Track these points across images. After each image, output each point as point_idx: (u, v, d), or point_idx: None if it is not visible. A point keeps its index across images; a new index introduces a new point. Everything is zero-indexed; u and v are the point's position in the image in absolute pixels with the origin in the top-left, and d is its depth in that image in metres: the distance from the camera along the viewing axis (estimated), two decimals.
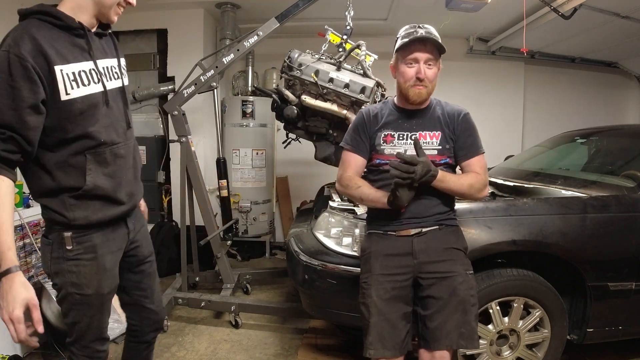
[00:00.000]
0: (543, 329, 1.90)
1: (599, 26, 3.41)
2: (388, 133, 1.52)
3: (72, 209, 1.13)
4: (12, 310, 0.96)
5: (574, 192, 2.08)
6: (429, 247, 1.45)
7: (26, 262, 2.28)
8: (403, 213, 1.47)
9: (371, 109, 1.60)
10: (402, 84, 1.49)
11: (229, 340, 2.50)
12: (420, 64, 1.45)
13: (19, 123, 1.02)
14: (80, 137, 1.11)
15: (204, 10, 3.75)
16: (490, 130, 4.55)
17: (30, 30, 1.06)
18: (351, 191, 1.52)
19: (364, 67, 2.38)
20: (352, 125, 1.61)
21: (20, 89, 1.01)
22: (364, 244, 1.58)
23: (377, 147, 1.53)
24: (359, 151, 1.56)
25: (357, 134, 1.57)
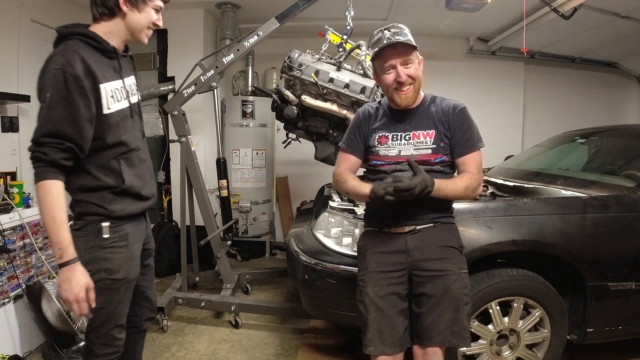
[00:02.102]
0: (543, 329, 1.90)
1: (599, 26, 3.41)
2: (382, 134, 1.53)
3: (112, 203, 1.30)
4: (77, 293, 1.18)
5: (574, 192, 2.08)
6: (424, 245, 1.46)
7: (26, 262, 2.28)
8: (398, 211, 1.47)
9: (367, 109, 1.61)
10: (385, 91, 1.52)
11: (229, 340, 2.50)
12: (398, 67, 1.44)
13: (77, 135, 1.19)
14: (116, 145, 1.30)
15: (204, 10, 3.75)
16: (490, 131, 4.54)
17: (79, 51, 1.20)
18: (340, 185, 1.55)
19: (364, 67, 2.38)
20: (350, 124, 1.64)
21: (78, 105, 1.17)
22: (360, 242, 1.59)
23: (372, 149, 1.54)
24: (353, 150, 1.58)
25: (352, 134, 1.59)
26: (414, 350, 1.47)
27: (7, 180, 2.34)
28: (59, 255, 1.16)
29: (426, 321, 1.43)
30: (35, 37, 3.07)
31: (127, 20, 1.29)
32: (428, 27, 4.02)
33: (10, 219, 2.18)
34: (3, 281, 2.12)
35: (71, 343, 2.27)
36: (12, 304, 2.17)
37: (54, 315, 2.20)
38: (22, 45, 2.92)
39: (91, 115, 1.21)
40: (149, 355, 2.31)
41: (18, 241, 2.22)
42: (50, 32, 3.24)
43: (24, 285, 2.23)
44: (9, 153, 2.81)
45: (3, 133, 2.77)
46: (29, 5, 2.96)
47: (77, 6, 3.55)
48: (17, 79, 2.89)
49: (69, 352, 2.24)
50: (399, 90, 1.45)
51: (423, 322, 1.43)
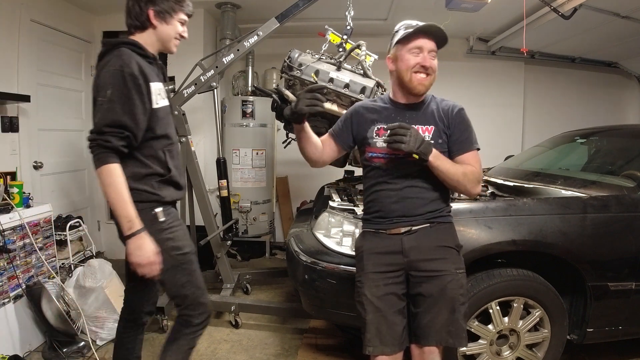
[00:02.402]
0: (543, 329, 1.90)
1: (599, 26, 3.40)
2: (381, 126, 1.50)
3: (161, 189, 1.48)
4: (149, 256, 1.37)
5: (574, 192, 2.08)
6: (420, 245, 1.46)
7: (26, 262, 2.28)
8: (394, 211, 1.47)
9: (366, 103, 1.61)
10: (403, 72, 1.46)
11: (229, 340, 2.50)
12: (425, 52, 1.44)
13: (134, 125, 1.36)
14: (162, 137, 1.49)
15: (204, 10, 3.75)
16: (490, 130, 4.56)
17: (132, 55, 1.39)
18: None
19: (364, 67, 2.38)
20: (344, 115, 1.62)
21: (135, 99, 1.36)
22: (357, 243, 1.60)
23: (369, 140, 1.52)
24: (337, 138, 1.59)
25: (344, 124, 1.59)
26: (412, 349, 1.48)
27: (7, 180, 2.34)
28: (128, 227, 1.34)
29: (423, 321, 1.43)
30: (35, 37, 3.07)
31: (158, 32, 1.48)
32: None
33: (10, 219, 2.18)
34: (3, 281, 2.13)
35: (71, 343, 2.27)
36: (12, 304, 2.17)
37: (54, 315, 2.20)
38: (22, 45, 2.92)
39: (145, 109, 1.39)
40: (149, 355, 2.31)
41: (18, 241, 2.22)
42: (50, 32, 3.25)
43: (24, 285, 2.23)
44: (9, 153, 2.81)
45: (3, 133, 2.77)
46: (29, 5, 2.96)
47: (77, 6, 3.56)
48: (17, 79, 2.89)
49: (69, 352, 2.24)
50: (418, 75, 1.45)
51: (420, 321, 1.44)
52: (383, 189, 1.50)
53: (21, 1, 2.90)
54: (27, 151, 3.01)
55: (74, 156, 3.66)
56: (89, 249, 2.91)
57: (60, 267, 2.59)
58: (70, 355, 2.24)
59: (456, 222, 1.79)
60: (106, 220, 4.02)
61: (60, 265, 2.60)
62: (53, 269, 2.45)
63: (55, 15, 3.29)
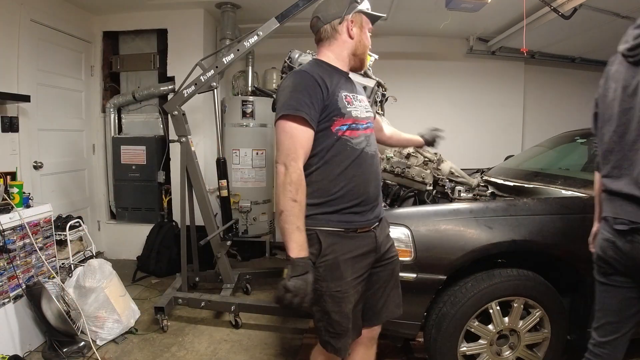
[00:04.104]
0: (543, 329, 1.90)
1: (599, 26, 3.40)
2: (346, 94, 1.38)
3: None
4: None
5: (574, 192, 2.08)
6: (382, 235, 1.46)
7: (26, 262, 2.28)
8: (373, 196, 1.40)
9: (313, 69, 1.36)
10: (360, 48, 1.46)
11: (229, 340, 2.50)
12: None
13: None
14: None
15: (204, 10, 3.75)
16: (490, 130, 4.57)
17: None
18: (288, 196, 1.23)
19: None
20: (297, 86, 1.30)
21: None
22: (326, 247, 1.32)
23: (341, 110, 1.34)
24: (312, 122, 1.29)
25: (308, 98, 1.28)
26: (362, 333, 1.51)
27: (7, 180, 2.34)
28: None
29: (378, 305, 1.48)
30: (35, 37, 3.08)
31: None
32: (428, 27, 4.03)
33: (10, 219, 2.18)
34: (3, 281, 2.12)
35: (71, 343, 2.27)
36: (12, 304, 2.17)
37: (54, 315, 2.20)
38: (22, 45, 2.92)
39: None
40: (149, 355, 2.31)
41: (18, 241, 2.22)
42: (50, 32, 3.24)
43: (24, 285, 2.23)
44: (9, 153, 2.81)
45: (3, 133, 2.77)
46: (29, 5, 2.96)
47: (77, 6, 3.56)
48: (17, 79, 2.89)
49: (69, 352, 2.24)
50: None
51: (374, 305, 1.47)
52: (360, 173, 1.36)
53: (21, 1, 2.90)
54: (27, 151, 3.01)
55: (74, 156, 3.67)
56: (89, 249, 2.91)
57: (60, 267, 2.59)
58: (70, 355, 2.24)
59: (456, 222, 1.80)
60: (106, 220, 4.03)
61: (60, 265, 2.60)
62: (53, 269, 2.45)
63: (55, 15, 3.29)
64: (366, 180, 1.38)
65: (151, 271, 3.53)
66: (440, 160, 2.35)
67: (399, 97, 2.56)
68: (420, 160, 2.30)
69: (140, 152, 3.85)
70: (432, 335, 1.84)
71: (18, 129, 2.88)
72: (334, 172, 1.34)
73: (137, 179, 3.88)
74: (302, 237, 1.24)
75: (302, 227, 1.24)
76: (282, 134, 1.29)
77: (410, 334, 1.90)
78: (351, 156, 1.35)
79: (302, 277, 1.20)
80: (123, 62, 3.96)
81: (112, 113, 3.94)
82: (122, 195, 3.95)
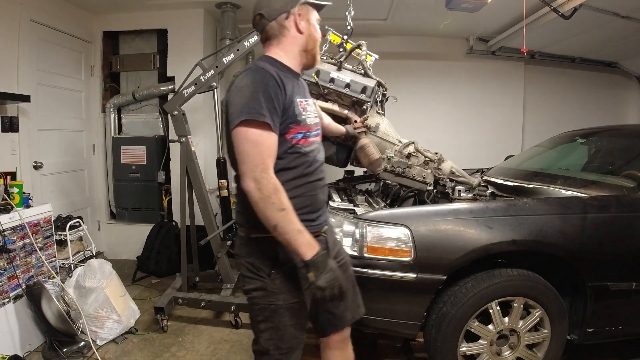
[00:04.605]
0: (543, 329, 1.90)
1: (599, 26, 3.41)
2: (300, 100, 1.29)
3: None
4: None
5: (574, 192, 2.08)
6: (331, 239, 1.43)
7: (26, 262, 2.28)
8: (321, 203, 1.35)
9: (272, 68, 1.25)
10: (315, 42, 1.35)
11: (229, 340, 2.50)
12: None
13: None
14: None
15: (204, 10, 3.75)
16: (490, 130, 4.57)
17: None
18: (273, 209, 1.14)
19: (365, 67, 2.38)
20: (258, 87, 1.18)
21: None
22: (283, 255, 1.26)
23: (298, 117, 1.26)
24: (276, 128, 1.19)
25: (270, 102, 1.18)
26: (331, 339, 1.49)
27: (7, 180, 2.34)
28: None
29: (337, 310, 1.43)
30: (35, 37, 3.07)
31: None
32: (428, 27, 4.03)
33: (10, 219, 2.18)
34: (3, 281, 2.12)
35: (71, 343, 2.27)
36: (12, 304, 2.17)
37: (54, 315, 2.20)
38: (22, 45, 2.92)
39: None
40: (149, 355, 2.31)
41: (18, 241, 2.22)
42: (50, 32, 3.24)
43: (24, 285, 2.23)
44: (9, 153, 2.81)
45: (3, 133, 2.77)
46: (29, 5, 2.96)
47: (77, 6, 3.55)
48: (17, 79, 2.89)
49: (69, 352, 2.24)
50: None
51: (334, 311, 1.43)
52: (313, 180, 1.32)
53: (21, 1, 2.89)
54: (27, 151, 3.01)
55: (74, 156, 3.66)
56: (89, 249, 2.91)
57: (60, 267, 2.59)
58: (70, 355, 2.24)
59: (456, 222, 1.80)
60: (106, 220, 4.03)
61: (60, 265, 2.60)
62: (53, 269, 2.45)
63: (55, 15, 3.29)
64: (316, 187, 1.33)
65: (151, 271, 3.53)
66: (441, 160, 2.35)
67: (399, 97, 2.56)
68: (421, 160, 2.30)
69: (140, 152, 3.85)
70: (432, 335, 1.84)
71: (18, 129, 2.88)
72: (287, 180, 1.24)
73: (137, 179, 3.88)
74: (307, 235, 1.17)
75: (302, 227, 1.16)
76: (245, 143, 1.15)
77: (410, 334, 1.90)
78: (304, 164, 1.29)
79: (327, 269, 1.16)
80: (123, 62, 3.96)
81: (112, 113, 3.94)
82: (122, 195, 3.95)
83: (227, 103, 1.23)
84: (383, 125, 2.35)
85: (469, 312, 1.79)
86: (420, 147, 2.34)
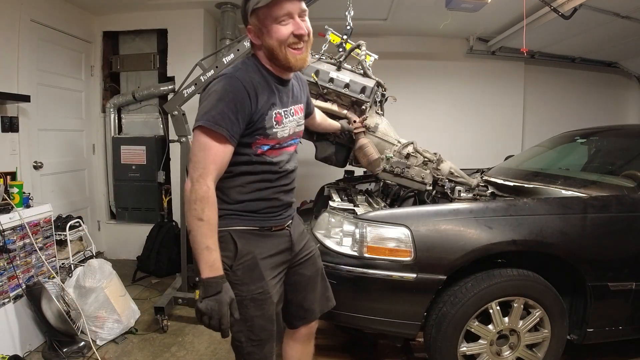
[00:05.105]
0: (543, 329, 1.90)
1: (599, 26, 3.40)
2: (277, 111, 1.26)
3: None
4: None
5: (574, 192, 2.08)
6: (296, 233, 1.44)
7: (26, 262, 2.28)
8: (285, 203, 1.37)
9: (247, 77, 1.22)
10: (275, 47, 1.21)
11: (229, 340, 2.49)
12: (296, 18, 1.20)
13: None
14: None
15: (204, 10, 3.75)
16: (490, 130, 4.57)
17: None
18: (193, 214, 1.14)
19: (364, 67, 2.38)
20: (224, 96, 1.18)
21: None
22: (242, 247, 1.28)
23: (267, 131, 1.24)
24: (232, 139, 1.19)
25: (233, 113, 1.17)
26: (299, 332, 1.52)
27: (7, 180, 2.34)
28: None
29: (306, 303, 1.47)
30: (35, 37, 3.07)
31: None
32: (428, 27, 4.03)
33: (10, 219, 2.18)
34: (3, 281, 2.12)
35: (71, 343, 2.27)
36: (12, 304, 2.17)
37: (54, 315, 2.20)
38: (22, 45, 2.92)
39: None
40: (149, 355, 2.31)
41: (18, 241, 2.22)
42: (50, 32, 3.24)
43: (24, 285, 2.23)
44: (9, 153, 2.81)
45: (3, 133, 2.77)
46: (29, 5, 2.96)
47: (77, 6, 3.55)
48: (17, 79, 2.89)
49: (69, 352, 2.24)
50: (293, 48, 1.21)
51: (302, 304, 1.47)
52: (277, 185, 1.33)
53: (21, 1, 2.90)
54: (27, 151, 3.01)
55: (74, 156, 3.67)
56: (89, 249, 2.92)
57: (60, 267, 2.59)
58: (70, 355, 2.24)
59: (456, 222, 1.80)
60: (106, 220, 4.03)
61: (60, 265, 2.60)
62: (53, 269, 2.45)
63: (55, 15, 3.29)
64: (279, 191, 1.35)
65: (151, 271, 3.53)
66: (439, 161, 2.35)
67: (398, 97, 2.56)
68: (420, 161, 2.31)
69: (140, 152, 3.85)
70: (432, 335, 1.84)
71: (18, 129, 2.88)
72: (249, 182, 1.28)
73: (137, 179, 3.88)
74: (213, 256, 1.14)
75: (213, 246, 1.14)
76: (196, 145, 1.18)
77: (410, 334, 1.90)
78: (269, 172, 1.30)
79: (214, 297, 1.12)
80: (123, 62, 3.96)
81: (112, 113, 3.94)
82: (122, 195, 3.95)
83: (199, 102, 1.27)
84: (382, 126, 2.35)
85: (469, 312, 1.79)
86: (420, 147, 2.34)
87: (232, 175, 1.27)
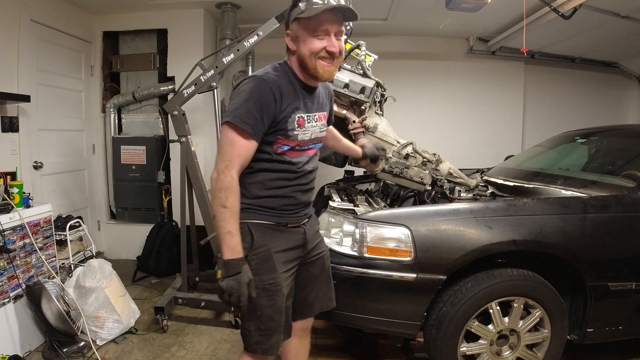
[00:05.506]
0: (543, 329, 1.90)
1: (599, 26, 3.41)
2: (300, 115, 1.35)
3: None
4: None
5: (574, 192, 2.08)
6: (311, 232, 1.50)
7: (26, 262, 2.28)
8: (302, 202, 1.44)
9: (275, 80, 1.31)
10: (306, 57, 1.30)
11: (229, 340, 2.50)
12: (331, 36, 1.30)
13: None
14: None
15: (204, 10, 3.75)
16: (490, 130, 4.57)
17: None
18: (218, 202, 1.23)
19: (364, 67, 2.38)
20: (252, 96, 1.27)
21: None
22: (258, 240, 1.36)
23: (288, 132, 1.33)
24: (256, 136, 1.28)
25: (259, 112, 1.26)
26: (295, 325, 1.56)
27: (7, 180, 2.34)
28: None
29: (309, 299, 1.54)
30: (35, 37, 3.07)
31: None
32: (428, 27, 4.03)
33: (10, 219, 2.18)
34: (3, 281, 2.12)
35: (71, 343, 2.27)
36: (12, 304, 2.17)
37: (54, 315, 2.20)
38: (22, 45, 2.92)
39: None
40: (149, 355, 2.31)
41: (18, 241, 2.22)
42: (50, 32, 3.24)
43: (24, 285, 2.23)
44: (9, 153, 2.81)
45: (3, 133, 2.77)
46: (29, 5, 2.96)
47: (77, 6, 3.56)
48: (17, 79, 2.89)
49: (69, 352, 2.24)
50: (323, 61, 1.31)
51: (306, 300, 1.54)
52: (295, 184, 1.41)
53: (21, 1, 2.90)
54: (27, 151, 3.01)
55: (74, 156, 3.67)
56: (89, 249, 2.92)
57: (60, 267, 2.59)
58: (70, 355, 2.24)
59: (456, 222, 1.80)
60: (106, 220, 4.03)
61: (60, 265, 2.60)
62: (53, 269, 2.45)
63: (55, 15, 3.29)
64: (297, 190, 1.42)
65: (151, 271, 3.53)
66: (439, 161, 2.35)
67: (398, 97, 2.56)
68: (419, 161, 2.31)
69: (140, 152, 3.85)
70: (432, 335, 1.84)
71: (18, 129, 2.88)
72: (268, 179, 1.37)
73: (137, 179, 3.88)
74: (234, 240, 1.24)
75: (234, 231, 1.24)
76: (224, 139, 1.29)
77: (410, 334, 1.90)
78: (288, 171, 1.38)
79: (234, 277, 1.23)
80: (123, 62, 3.96)
81: (112, 113, 3.94)
82: (122, 195, 3.95)
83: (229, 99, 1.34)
84: (381, 126, 2.35)
85: (469, 312, 1.79)
86: (419, 147, 2.35)
87: (253, 171, 1.36)
